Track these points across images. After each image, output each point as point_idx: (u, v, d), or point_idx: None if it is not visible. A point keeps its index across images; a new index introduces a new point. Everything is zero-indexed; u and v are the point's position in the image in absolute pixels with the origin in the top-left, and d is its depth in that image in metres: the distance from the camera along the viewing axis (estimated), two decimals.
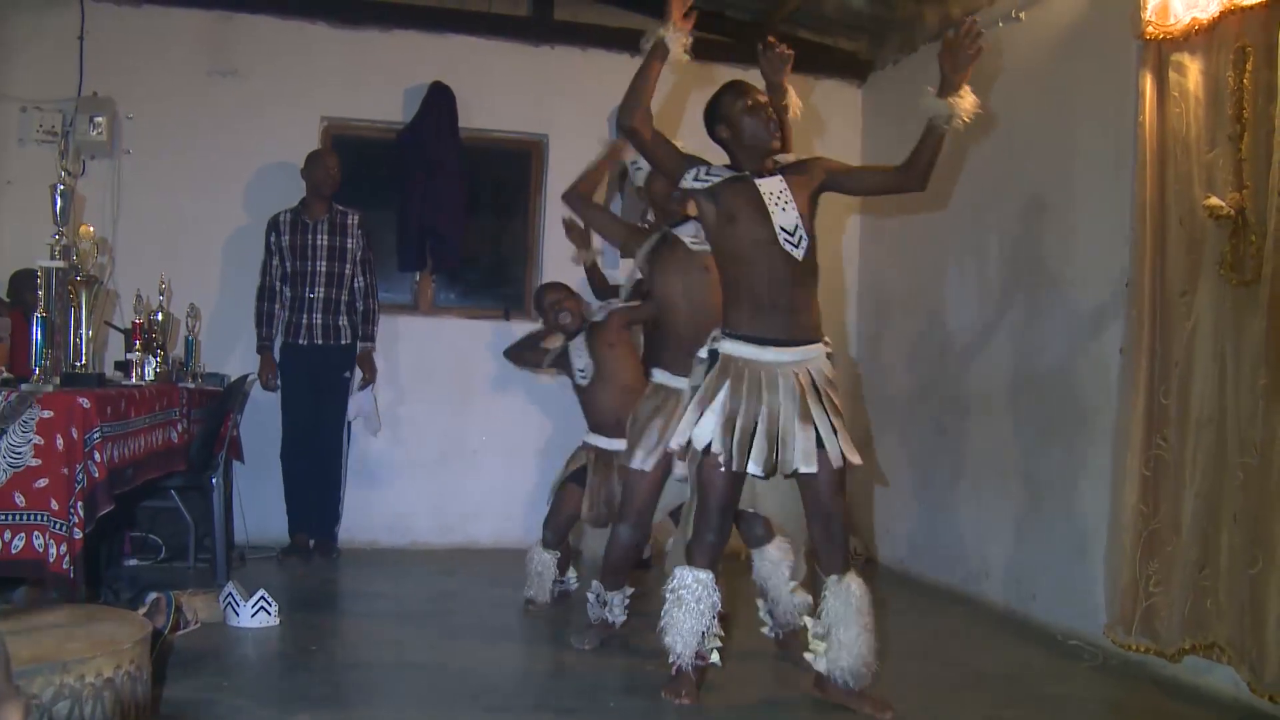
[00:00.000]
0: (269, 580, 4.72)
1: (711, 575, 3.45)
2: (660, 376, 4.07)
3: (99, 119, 5.67)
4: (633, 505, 4.14)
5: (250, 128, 6.00)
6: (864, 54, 6.70)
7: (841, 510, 3.41)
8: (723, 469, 3.34)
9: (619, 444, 4.40)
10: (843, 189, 3.62)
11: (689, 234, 4.14)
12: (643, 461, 4.04)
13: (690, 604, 3.41)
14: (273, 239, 5.65)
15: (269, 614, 4.19)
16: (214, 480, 4.90)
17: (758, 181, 3.42)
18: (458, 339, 6.29)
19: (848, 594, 3.37)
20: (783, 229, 3.35)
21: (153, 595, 3.96)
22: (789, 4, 6.17)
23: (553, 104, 6.38)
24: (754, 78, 6.51)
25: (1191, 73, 3.88)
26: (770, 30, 6.52)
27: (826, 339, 3.48)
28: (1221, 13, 3.68)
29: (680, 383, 3.81)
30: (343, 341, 5.70)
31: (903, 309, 6.25)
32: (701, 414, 3.35)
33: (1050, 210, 4.89)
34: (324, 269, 5.64)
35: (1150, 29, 3.99)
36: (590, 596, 4.39)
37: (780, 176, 3.46)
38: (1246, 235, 3.62)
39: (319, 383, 5.67)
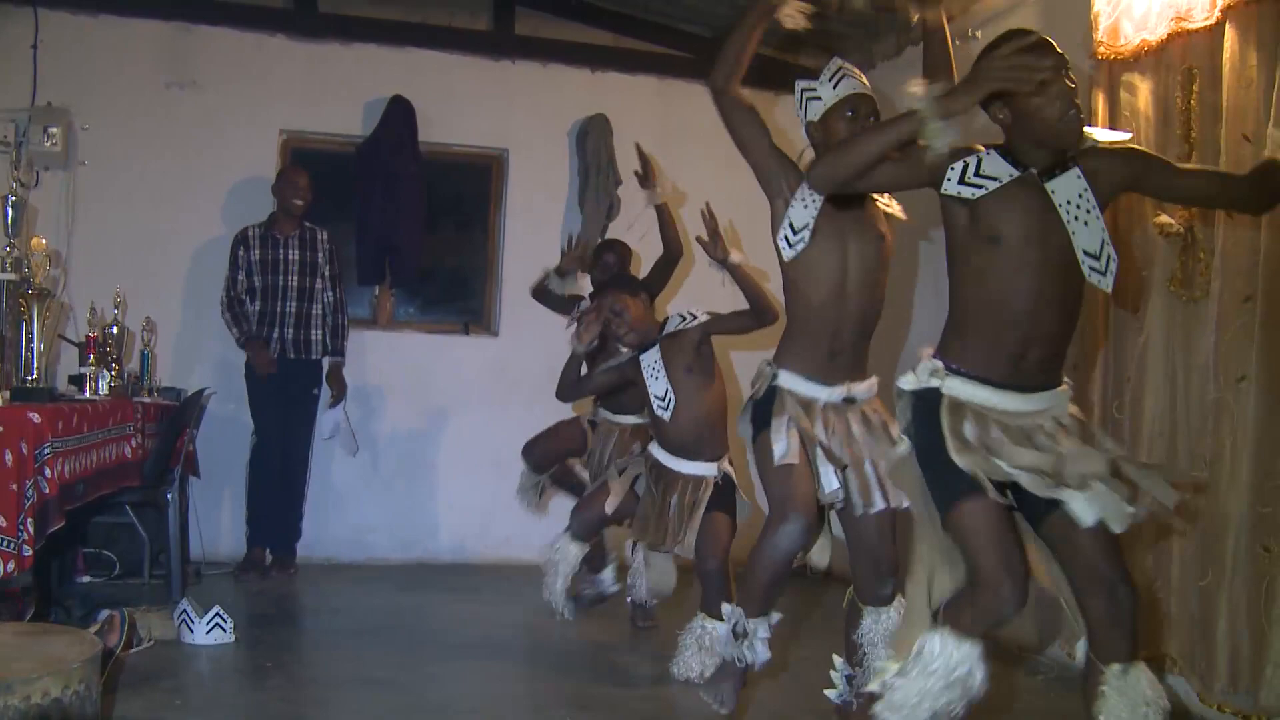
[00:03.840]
0: (225, 596, 4.68)
1: (980, 648, 2.51)
2: (789, 380, 3.16)
3: (53, 129, 5.59)
4: (789, 497, 3.04)
5: (208, 140, 5.95)
6: (799, 78, 6.74)
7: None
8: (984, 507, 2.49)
9: (688, 466, 4.07)
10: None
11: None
12: (782, 456, 3.06)
13: (938, 682, 2.46)
14: (240, 253, 5.60)
15: (224, 630, 4.15)
16: (169, 495, 4.84)
17: (1049, 186, 2.52)
18: (417, 353, 6.26)
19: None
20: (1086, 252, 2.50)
21: (105, 613, 3.91)
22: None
23: (513, 118, 6.38)
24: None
25: (1142, 93, 3.94)
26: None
27: (1069, 381, 2.71)
28: (1169, 35, 3.75)
29: (813, 390, 3.13)
30: (313, 356, 5.67)
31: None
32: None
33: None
34: (295, 283, 5.61)
35: (1102, 50, 4.05)
36: (716, 628, 3.65)
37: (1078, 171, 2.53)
38: (1195, 252, 3.67)
39: (289, 397, 5.63)
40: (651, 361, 4.13)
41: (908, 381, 2.66)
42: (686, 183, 5.85)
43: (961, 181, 2.50)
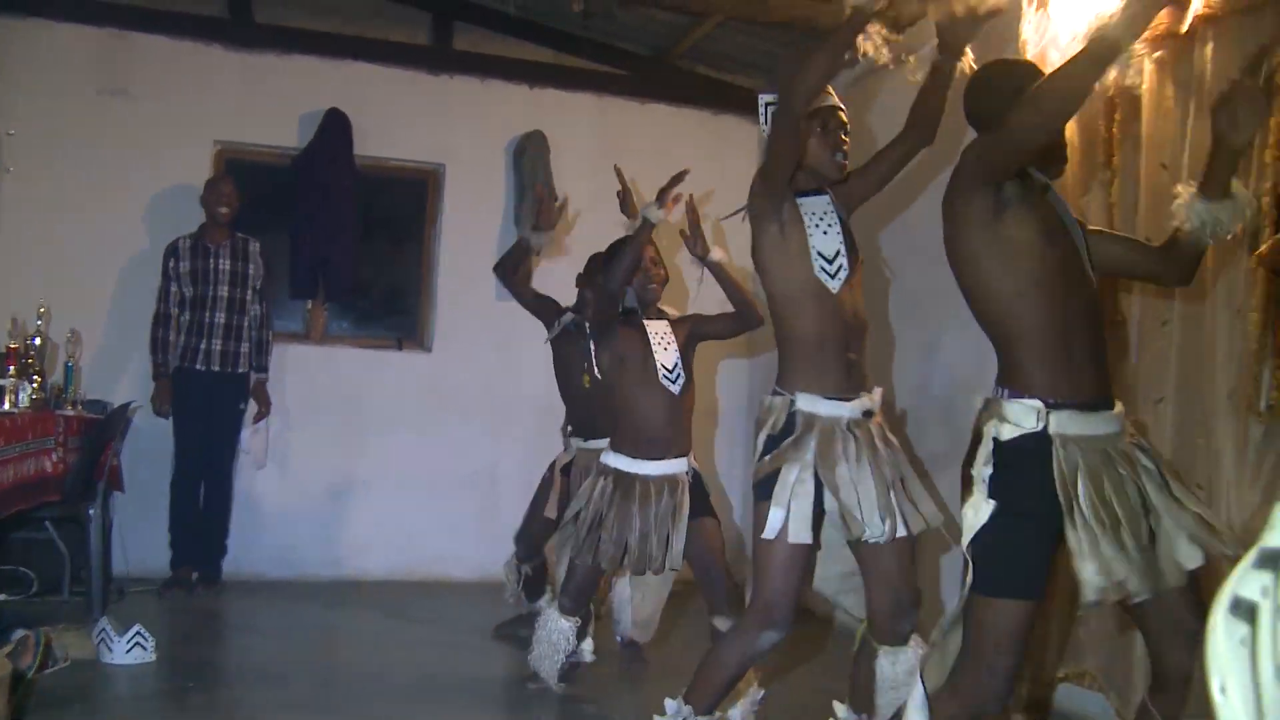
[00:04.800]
0: (148, 614, 4.59)
1: None
2: (806, 402, 2.88)
3: None
4: (777, 602, 2.83)
5: (140, 149, 5.86)
6: (761, 91, 6.79)
7: None
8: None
9: (657, 467, 3.70)
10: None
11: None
12: (778, 529, 2.79)
13: None
14: (171, 264, 5.52)
15: (145, 649, 4.07)
16: (91, 511, 4.75)
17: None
18: (349, 369, 6.20)
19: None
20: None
21: (20, 632, 3.81)
22: (688, 40, 6.25)
23: (450, 133, 6.36)
24: (652, 112, 6.61)
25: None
26: (669, 66, 6.63)
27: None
28: None
29: (836, 409, 2.89)
30: (240, 369, 5.59)
31: None
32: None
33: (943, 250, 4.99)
34: (225, 294, 5.53)
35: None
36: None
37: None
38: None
39: (214, 411, 5.55)
40: (662, 331, 3.81)
41: (1005, 430, 2.35)
42: None
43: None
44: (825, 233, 2.93)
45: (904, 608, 2.92)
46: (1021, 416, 2.33)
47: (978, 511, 2.31)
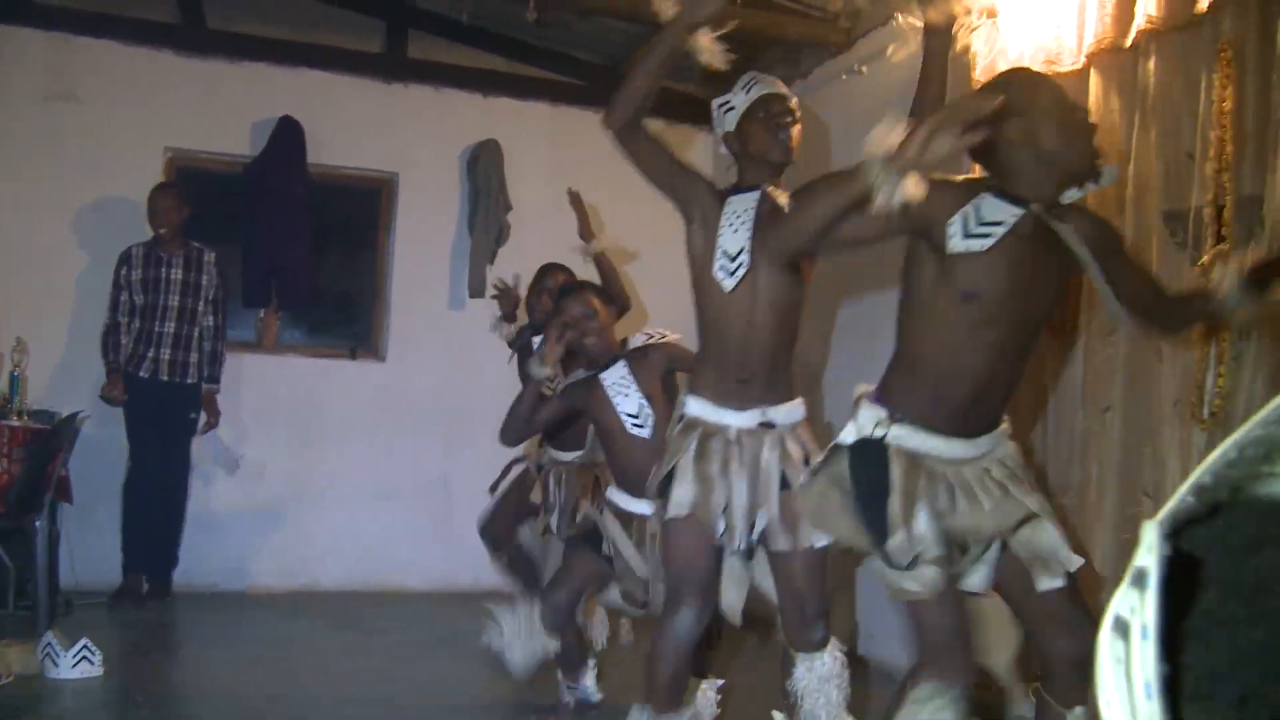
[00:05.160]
0: (97, 628, 4.51)
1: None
2: (694, 406, 2.97)
3: None
4: (684, 579, 2.92)
5: (89, 156, 5.80)
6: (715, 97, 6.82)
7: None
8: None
9: (642, 506, 3.43)
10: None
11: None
12: (678, 508, 2.88)
13: None
14: (123, 273, 5.47)
15: (92, 663, 4.01)
16: (38, 523, 4.68)
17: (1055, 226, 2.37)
18: (302, 378, 6.16)
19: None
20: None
21: None
22: (642, 49, 6.25)
23: (404, 142, 6.34)
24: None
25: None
26: (623, 75, 6.63)
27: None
28: None
29: (724, 416, 2.92)
30: (189, 380, 5.53)
31: None
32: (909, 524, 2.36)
33: (893, 257, 5.03)
34: (176, 304, 5.48)
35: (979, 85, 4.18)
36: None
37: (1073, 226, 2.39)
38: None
39: (165, 421, 5.49)
40: (618, 378, 3.59)
41: (849, 433, 2.44)
42: None
43: (966, 235, 2.29)
44: (736, 231, 2.90)
45: (808, 617, 2.93)
46: (866, 421, 2.41)
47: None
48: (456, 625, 4.88)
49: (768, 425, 2.93)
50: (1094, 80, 3.63)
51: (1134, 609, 0.42)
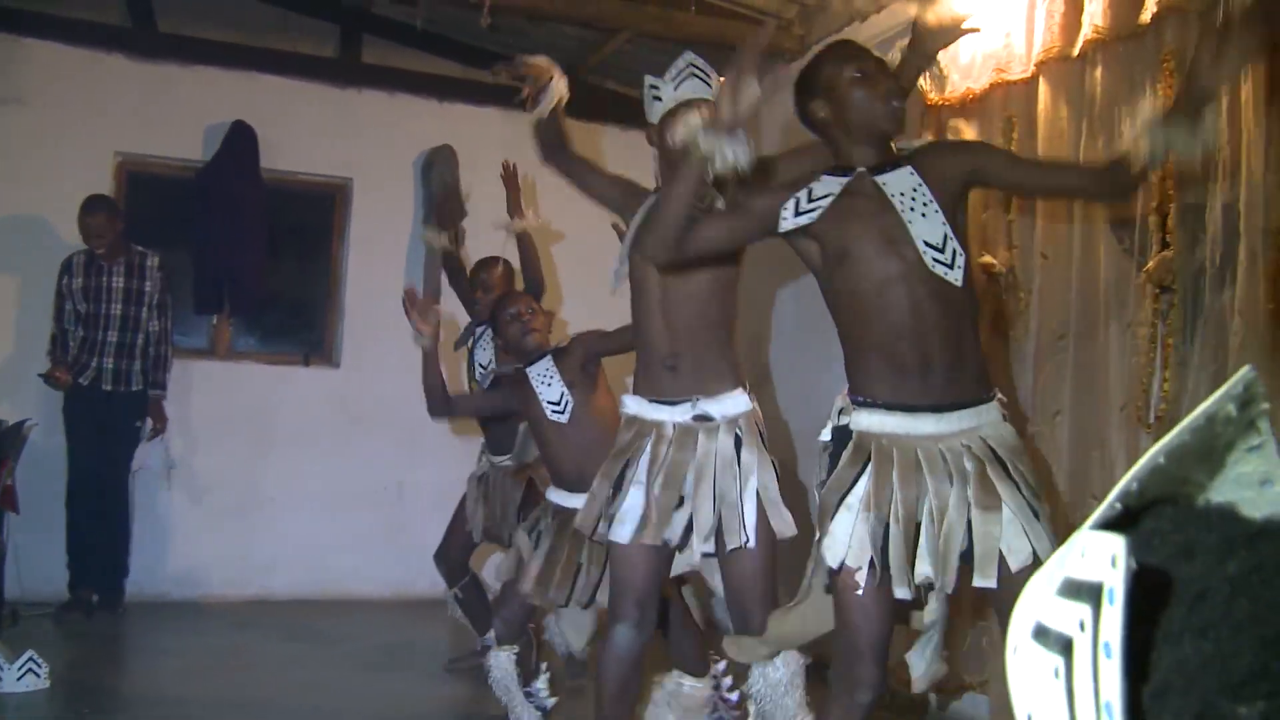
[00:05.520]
0: (44, 640, 4.46)
1: None
2: (632, 404, 2.98)
3: None
4: (618, 593, 2.91)
5: (36, 161, 5.71)
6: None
7: None
8: (862, 591, 2.29)
9: (579, 501, 3.39)
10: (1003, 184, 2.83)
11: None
12: (618, 530, 2.86)
13: None
14: (65, 281, 5.38)
15: (38, 676, 3.95)
16: None
17: (879, 179, 2.39)
18: (256, 385, 6.10)
19: None
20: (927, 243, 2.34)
21: None
22: (598, 55, 6.27)
23: (358, 147, 6.29)
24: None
25: (966, 137, 4.12)
26: (579, 81, 6.64)
27: (1000, 394, 2.45)
28: (990, 85, 3.93)
29: (660, 413, 2.90)
30: (134, 387, 5.46)
31: None
32: (834, 517, 2.33)
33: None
34: (119, 312, 5.41)
35: (931, 95, 4.22)
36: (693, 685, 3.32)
37: (910, 168, 2.41)
38: (1016, 292, 3.85)
39: (108, 429, 5.41)
40: (543, 370, 3.67)
41: (825, 432, 2.45)
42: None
43: (797, 214, 2.39)
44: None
45: (750, 622, 2.82)
46: (834, 413, 2.44)
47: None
48: (411, 634, 4.87)
49: (703, 418, 2.86)
50: (1043, 89, 3.68)
51: (1084, 624, 0.42)
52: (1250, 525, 0.51)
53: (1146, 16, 3.26)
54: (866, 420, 2.36)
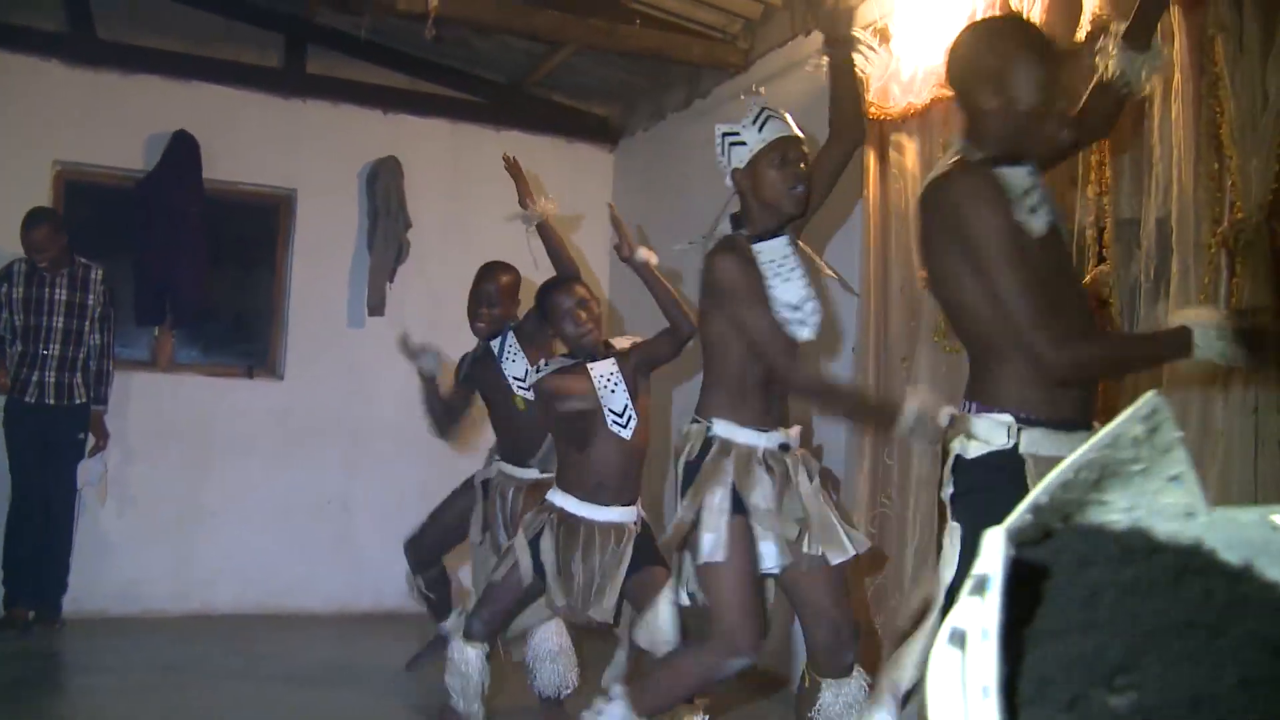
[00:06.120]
0: None
1: None
2: (722, 428, 2.92)
3: None
4: (739, 626, 2.81)
5: None
6: (615, 120, 6.89)
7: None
8: None
9: (606, 514, 3.48)
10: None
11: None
12: (713, 550, 2.81)
13: None
14: (4, 290, 5.28)
15: None
16: None
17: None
18: (198, 397, 6.02)
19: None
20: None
21: None
22: (544, 68, 6.29)
23: (302, 158, 6.25)
24: (508, 140, 6.61)
25: (909, 152, 4.18)
26: (525, 94, 6.66)
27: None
28: (932, 100, 3.99)
29: (751, 438, 2.91)
30: (76, 401, 5.36)
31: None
32: None
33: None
34: (60, 325, 5.30)
35: (873, 110, 4.26)
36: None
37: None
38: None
39: (51, 445, 5.31)
40: (608, 373, 3.51)
41: (973, 448, 2.17)
42: (476, 228, 5.88)
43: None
44: (787, 280, 2.88)
45: (843, 638, 2.90)
46: (990, 433, 2.16)
47: (952, 540, 2.14)
48: (355, 649, 4.83)
49: (785, 447, 2.96)
50: None
51: (973, 615, 0.45)
52: (1155, 543, 0.53)
53: (1081, 35, 3.33)
54: (1042, 443, 2.13)
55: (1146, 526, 0.55)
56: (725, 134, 2.99)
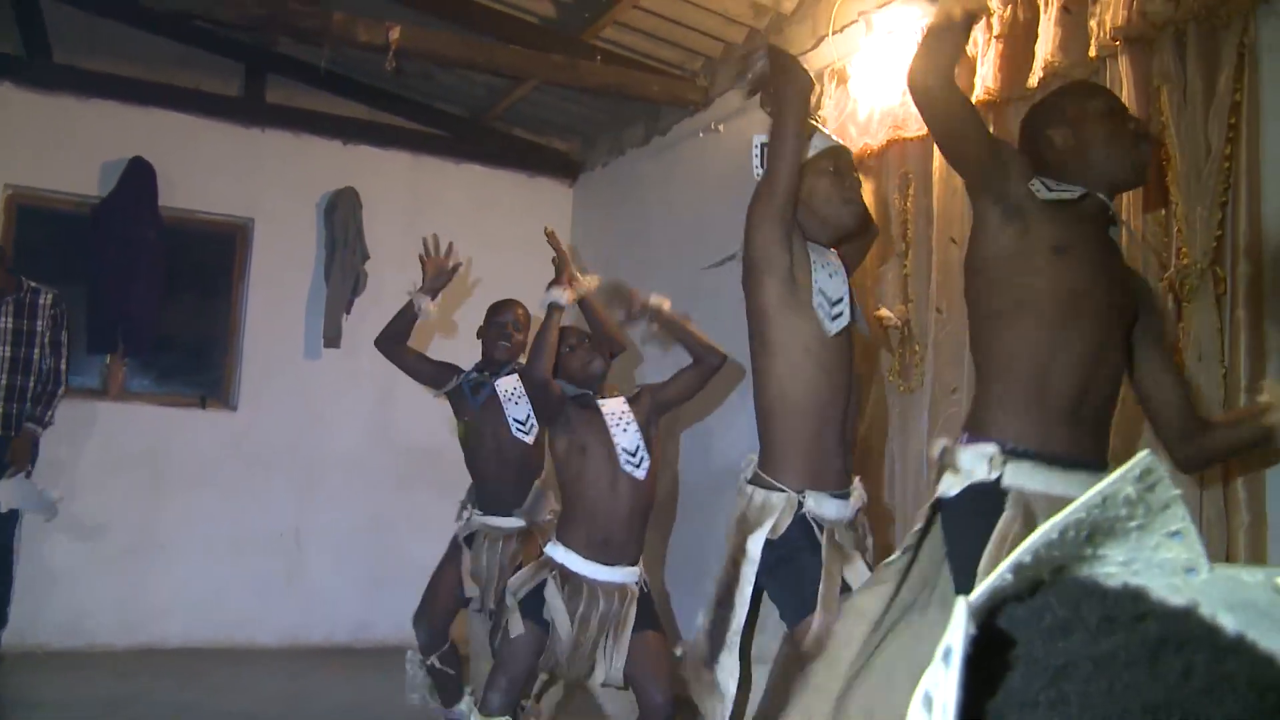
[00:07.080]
0: None
1: None
2: (815, 501, 2.51)
3: None
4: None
5: None
6: (575, 155, 6.92)
7: None
8: None
9: (609, 574, 3.25)
10: None
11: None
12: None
13: None
14: None
15: None
16: None
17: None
18: (150, 427, 5.94)
19: None
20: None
21: None
22: (505, 102, 6.31)
23: (260, 187, 6.22)
24: (468, 173, 6.59)
25: (865, 192, 4.22)
26: (485, 127, 6.68)
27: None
28: (888, 142, 4.05)
29: (837, 509, 2.54)
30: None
31: None
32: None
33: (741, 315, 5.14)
34: (8, 354, 5.16)
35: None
36: None
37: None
38: (911, 345, 3.95)
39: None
40: (619, 411, 3.34)
41: (953, 483, 2.01)
42: None
43: (1049, 190, 2.11)
44: (831, 276, 2.56)
45: None
46: (972, 464, 2.00)
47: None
48: (306, 683, 4.76)
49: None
50: (938, 147, 3.80)
51: (937, 683, 0.45)
52: (1145, 608, 0.53)
53: (1034, 80, 3.41)
54: (1029, 477, 1.99)
55: (1141, 584, 0.54)
56: (763, 144, 2.68)
